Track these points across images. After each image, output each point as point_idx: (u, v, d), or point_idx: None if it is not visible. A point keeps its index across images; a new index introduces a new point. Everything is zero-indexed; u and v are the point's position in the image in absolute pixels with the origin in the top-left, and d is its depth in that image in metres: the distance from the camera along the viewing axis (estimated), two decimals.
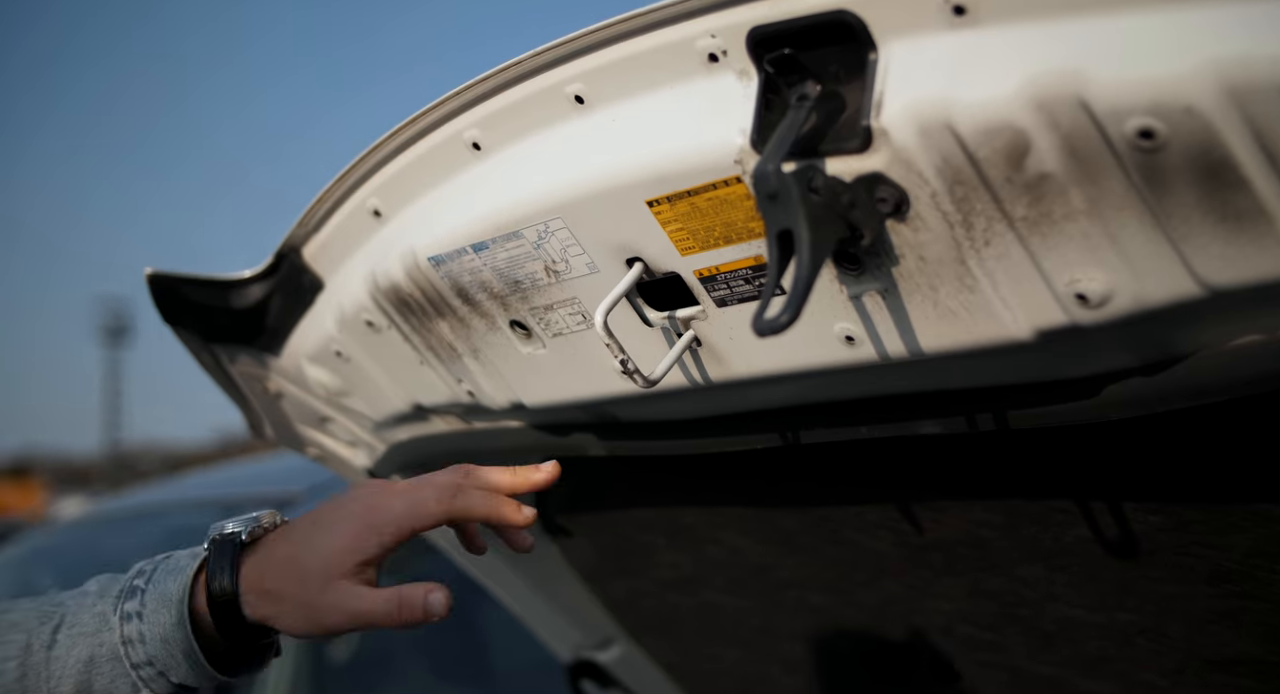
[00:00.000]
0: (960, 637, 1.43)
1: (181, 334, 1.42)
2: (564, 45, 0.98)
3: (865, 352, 0.94)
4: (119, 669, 0.95)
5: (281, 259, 1.36)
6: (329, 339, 1.39)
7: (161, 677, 0.95)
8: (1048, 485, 1.15)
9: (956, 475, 1.22)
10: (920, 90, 0.78)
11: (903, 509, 1.31)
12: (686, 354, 1.08)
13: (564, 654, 2.01)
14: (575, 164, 1.01)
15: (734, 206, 0.92)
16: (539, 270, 1.10)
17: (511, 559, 1.83)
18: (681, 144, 0.93)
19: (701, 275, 0.99)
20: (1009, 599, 1.32)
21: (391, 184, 1.20)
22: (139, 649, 0.95)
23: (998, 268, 0.81)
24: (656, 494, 1.58)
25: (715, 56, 0.90)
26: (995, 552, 1.27)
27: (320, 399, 1.52)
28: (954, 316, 0.86)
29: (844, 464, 1.30)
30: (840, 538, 1.43)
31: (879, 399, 1.07)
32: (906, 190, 0.81)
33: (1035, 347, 0.85)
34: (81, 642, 0.95)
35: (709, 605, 1.72)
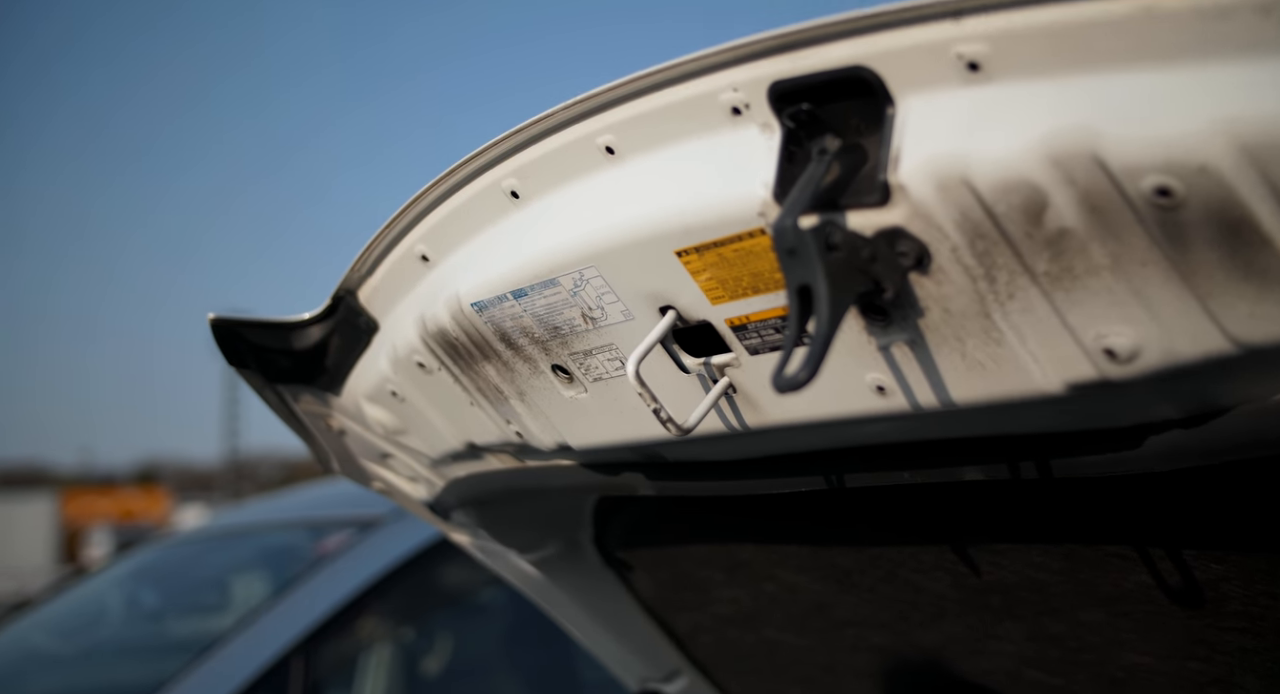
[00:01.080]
0: (1028, 681, 1.39)
1: (245, 375, 1.46)
2: (594, 97, 0.99)
3: (897, 401, 0.92)
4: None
5: (339, 301, 1.39)
6: (384, 379, 1.41)
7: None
8: (1103, 531, 1.12)
9: (1009, 519, 1.19)
10: (937, 145, 0.76)
11: (958, 551, 1.29)
12: (723, 400, 1.07)
13: (631, 684, 2.01)
14: (607, 214, 1.02)
15: (760, 258, 0.91)
16: (576, 317, 1.11)
17: (576, 591, 1.84)
18: (707, 196, 0.92)
19: (733, 324, 0.99)
20: (1073, 645, 1.28)
21: (438, 230, 1.22)
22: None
23: (1023, 322, 0.79)
24: (712, 531, 1.57)
25: (738, 109, 0.89)
26: (1055, 596, 1.24)
27: (380, 437, 1.55)
28: (982, 369, 0.84)
29: (894, 505, 1.28)
30: (897, 578, 1.40)
31: (919, 444, 1.05)
32: (927, 244, 0.80)
33: (1068, 399, 0.82)
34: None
35: (769, 642, 1.70)
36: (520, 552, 1.77)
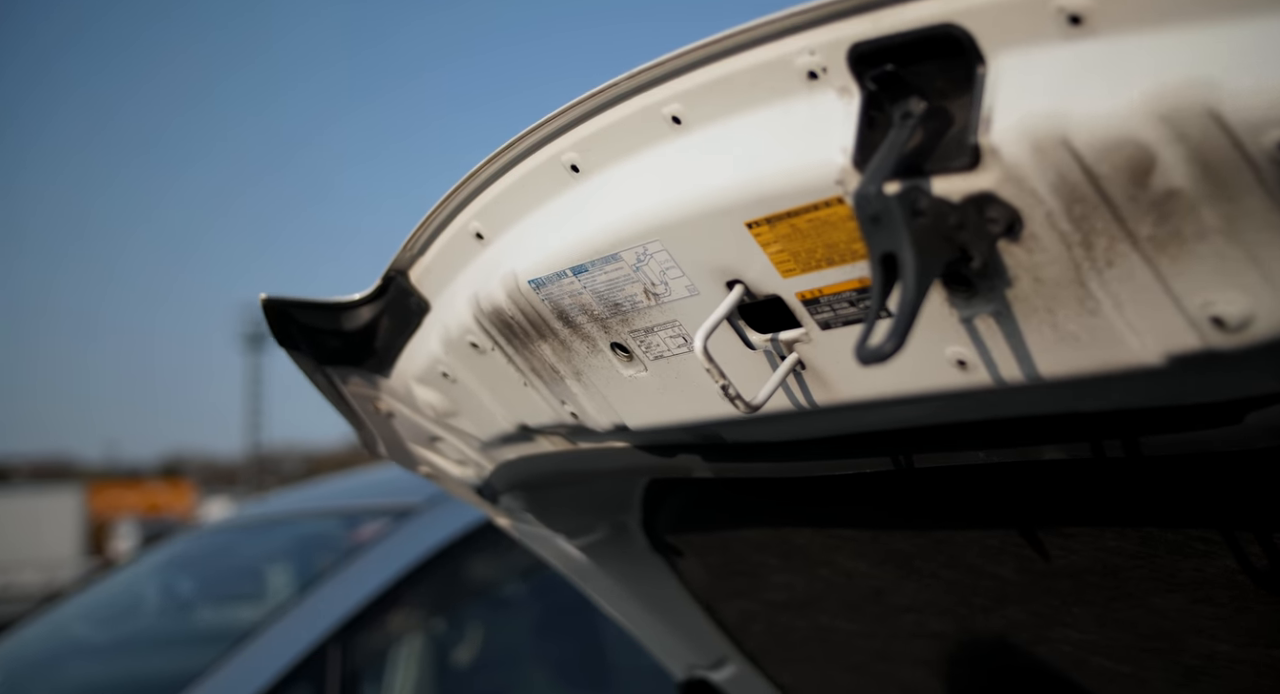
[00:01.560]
0: (1094, 668, 1.36)
1: (295, 356, 1.45)
2: (661, 66, 0.96)
3: (979, 376, 0.89)
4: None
5: (389, 282, 1.37)
6: (435, 360, 1.39)
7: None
8: (1188, 513, 1.08)
9: (1085, 501, 1.16)
10: (1033, 105, 0.73)
11: (1027, 534, 1.25)
12: (790, 377, 1.04)
13: (677, 672, 1.98)
14: (673, 186, 0.99)
15: (836, 228, 0.88)
16: (638, 293, 1.08)
17: (623, 577, 1.82)
18: (781, 165, 0.89)
19: (804, 298, 0.96)
20: (1145, 631, 1.24)
21: (493, 207, 1.19)
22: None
23: (1122, 290, 0.76)
24: (767, 515, 1.55)
25: (814, 74, 0.86)
26: (1129, 581, 1.20)
27: (429, 419, 1.53)
28: (1075, 340, 0.81)
29: (962, 487, 1.25)
30: (959, 562, 1.37)
31: (996, 422, 1.02)
32: (1019, 210, 0.76)
33: (1166, 372, 0.79)
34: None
35: (823, 628, 1.67)
36: (568, 536, 1.74)
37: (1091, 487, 1.14)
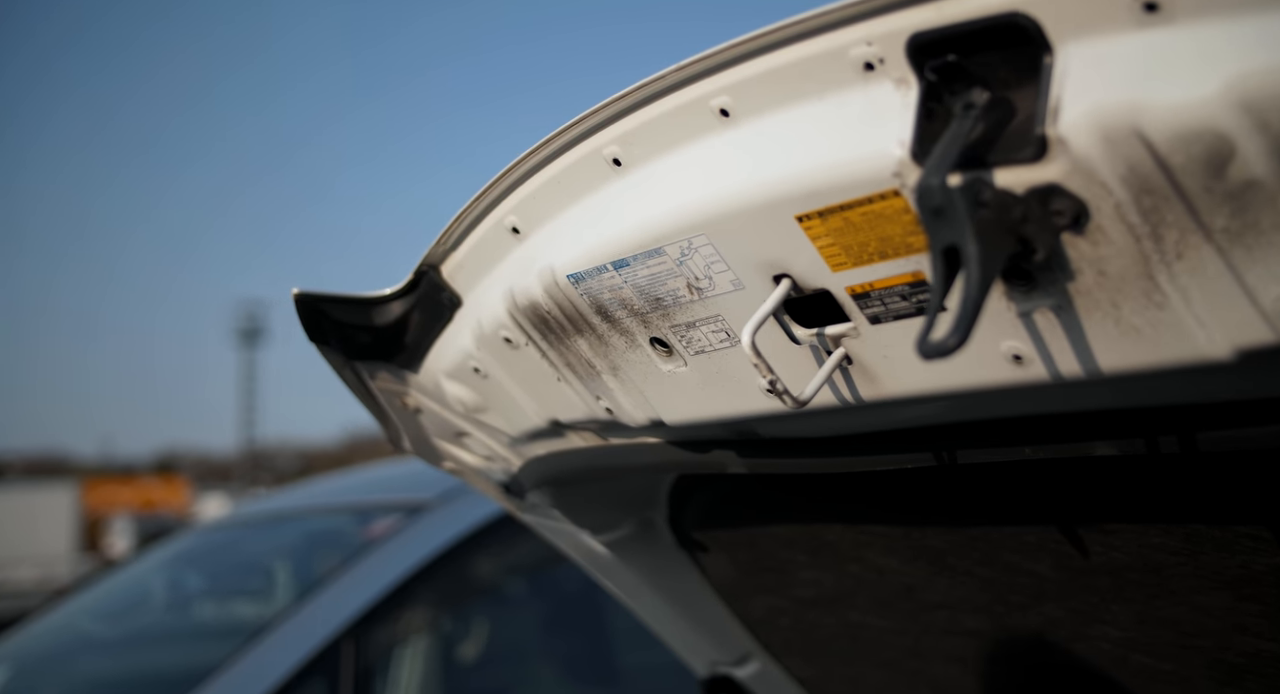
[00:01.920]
0: (1134, 666, 1.34)
1: (325, 352, 1.44)
2: (709, 58, 0.95)
3: (1035, 371, 0.88)
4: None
5: (421, 276, 1.36)
6: (467, 356, 1.38)
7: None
8: (1235, 509, 1.07)
9: (1129, 497, 1.15)
10: (1104, 94, 0.71)
11: (1067, 531, 1.24)
12: (836, 372, 1.03)
13: (699, 669, 1.97)
14: (720, 179, 0.98)
15: (891, 221, 0.87)
16: (681, 288, 1.07)
17: (647, 573, 1.81)
18: (835, 157, 0.88)
19: (854, 292, 0.95)
20: (1188, 629, 1.23)
21: (530, 201, 1.18)
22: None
23: (1191, 283, 0.75)
24: (797, 511, 1.54)
25: (871, 65, 0.85)
26: (1172, 578, 1.19)
27: (458, 415, 1.52)
28: (1138, 334, 0.79)
29: (1000, 483, 1.24)
30: (995, 559, 1.36)
31: (1045, 418, 1.01)
32: (1086, 202, 0.75)
33: (1232, 367, 0.78)
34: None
35: (852, 625, 1.66)
36: (593, 532, 1.74)
37: (1136, 483, 1.12)
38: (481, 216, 1.24)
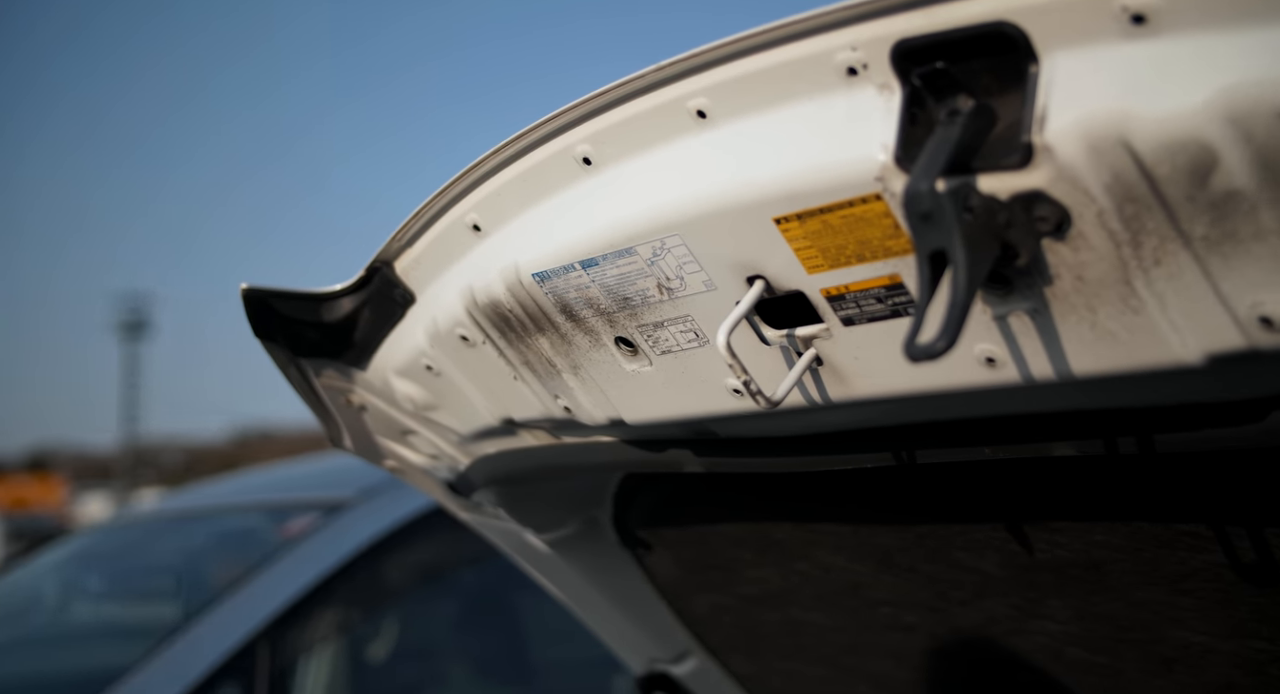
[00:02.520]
0: (1069, 660, 1.39)
1: (270, 348, 1.41)
2: (687, 61, 0.95)
3: (1007, 373, 0.90)
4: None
5: (373, 273, 1.34)
6: (419, 353, 1.36)
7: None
8: (1178, 509, 1.11)
9: (1077, 496, 1.18)
10: (1091, 104, 0.74)
11: (1013, 529, 1.27)
12: (806, 373, 1.04)
13: (636, 666, 1.98)
14: (697, 180, 0.98)
15: (871, 224, 0.88)
16: (650, 288, 1.07)
17: (588, 572, 1.81)
18: (815, 161, 0.89)
19: (829, 294, 0.96)
20: (1124, 623, 1.28)
21: (494, 199, 1.17)
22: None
23: (1168, 289, 0.77)
24: (746, 510, 1.55)
25: (854, 70, 0.86)
26: (1111, 574, 1.23)
27: (405, 413, 1.50)
28: (1113, 338, 0.82)
29: (953, 482, 1.26)
30: (941, 557, 1.39)
31: (1006, 418, 1.03)
32: (1069, 208, 0.77)
33: (1201, 371, 0.81)
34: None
35: (794, 622, 1.68)
36: (537, 531, 1.73)
37: (1085, 482, 1.16)
38: (440, 214, 1.23)
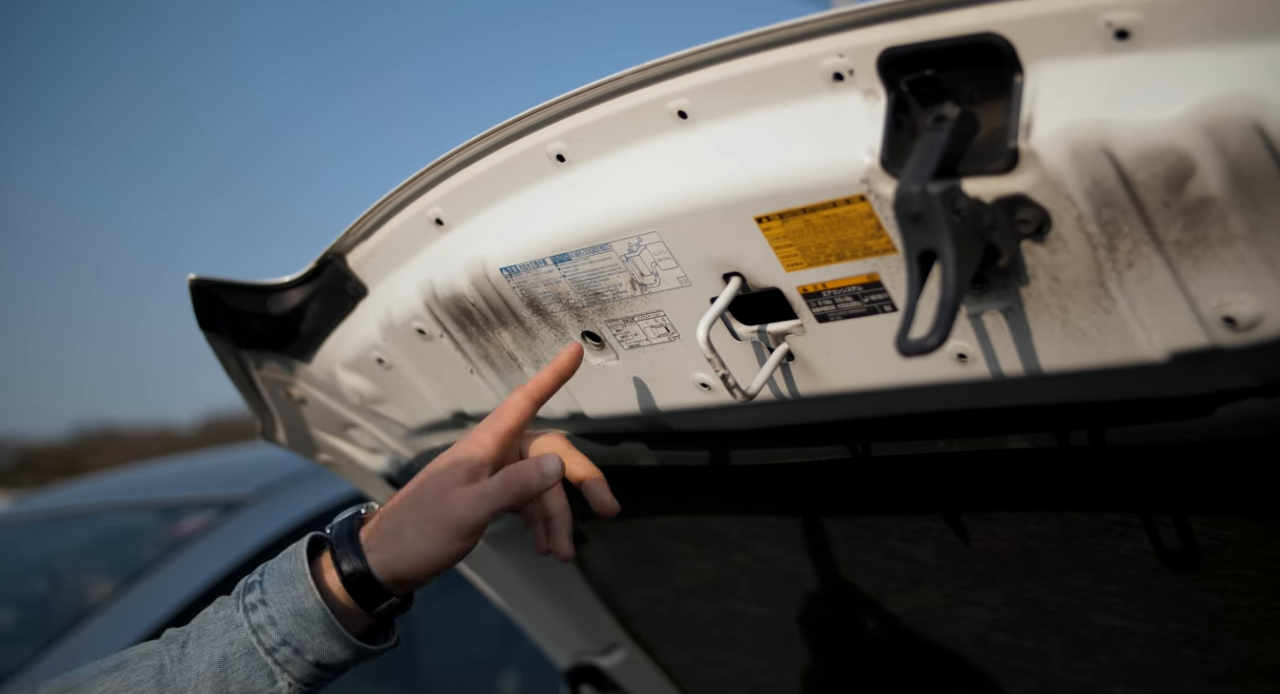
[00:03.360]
0: (994, 644, 1.45)
1: (212, 339, 1.38)
2: (671, 62, 0.97)
3: (977, 369, 0.95)
4: (253, 662, 0.97)
5: (325, 265, 1.32)
6: (371, 346, 1.36)
7: (297, 655, 0.97)
8: (1111, 500, 1.18)
9: (1015, 488, 1.24)
10: (1074, 113, 0.78)
11: (951, 520, 1.33)
12: (777, 368, 1.08)
13: (563, 659, 1.99)
14: (676, 179, 1.00)
15: (853, 224, 0.92)
16: (623, 283, 1.09)
17: (520, 565, 1.81)
18: (800, 162, 0.92)
19: (805, 291, 0.99)
20: (1050, 608, 1.34)
21: (459, 193, 1.17)
22: (270, 632, 0.97)
23: (1138, 290, 0.83)
24: (686, 502, 1.58)
25: (840, 75, 0.90)
26: (1042, 562, 1.30)
27: (350, 406, 1.48)
28: (1082, 336, 0.87)
29: (897, 475, 1.31)
30: (879, 547, 1.44)
31: (964, 413, 1.08)
32: (1050, 212, 0.82)
33: (1162, 367, 0.86)
34: (210, 646, 0.97)
35: (728, 613, 1.72)
36: None
37: (1023, 475, 1.22)
38: (400, 207, 1.23)
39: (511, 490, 1.01)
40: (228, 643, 0.97)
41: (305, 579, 0.98)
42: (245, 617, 0.98)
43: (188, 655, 0.97)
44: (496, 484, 1.01)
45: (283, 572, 0.99)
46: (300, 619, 0.97)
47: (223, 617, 0.99)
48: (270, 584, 0.99)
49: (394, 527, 0.99)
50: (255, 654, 0.97)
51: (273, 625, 0.97)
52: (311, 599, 0.97)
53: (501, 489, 1.00)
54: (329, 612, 0.97)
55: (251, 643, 0.97)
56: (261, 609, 0.98)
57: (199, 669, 0.96)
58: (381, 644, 1.03)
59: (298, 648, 0.97)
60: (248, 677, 0.96)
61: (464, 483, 1.00)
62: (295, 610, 0.97)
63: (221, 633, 0.97)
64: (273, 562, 1.01)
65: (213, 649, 0.97)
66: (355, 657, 1.00)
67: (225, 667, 0.96)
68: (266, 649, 0.97)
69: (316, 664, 0.98)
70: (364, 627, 1.02)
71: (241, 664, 0.97)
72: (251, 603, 0.98)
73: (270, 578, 0.99)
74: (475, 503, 0.99)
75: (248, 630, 0.97)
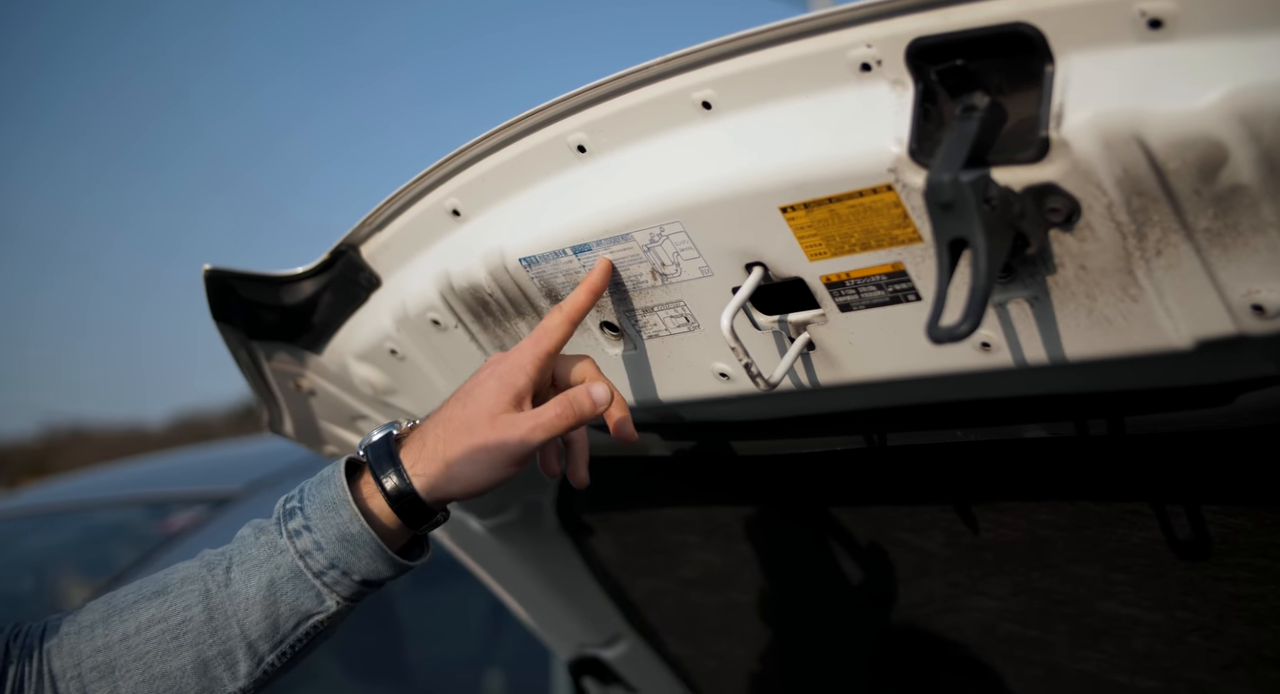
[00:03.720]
0: (1001, 634, 1.46)
1: (224, 330, 1.37)
2: (696, 53, 0.98)
3: (1000, 358, 0.96)
4: (301, 584, 1.00)
5: (338, 256, 1.32)
6: (384, 337, 1.35)
7: (345, 576, 1.01)
8: (1123, 489, 1.19)
9: (1027, 478, 1.25)
10: (1106, 102, 0.79)
11: (960, 509, 1.34)
12: (798, 358, 1.08)
13: (566, 651, 1.99)
14: (701, 169, 1.01)
15: (879, 214, 0.92)
16: (644, 273, 1.09)
17: (525, 557, 1.81)
18: (826, 152, 0.93)
19: (828, 281, 1.00)
20: (1058, 597, 1.36)
21: (477, 184, 1.17)
22: (318, 557, 1.00)
23: (1166, 278, 0.83)
24: (694, 493, 1.59)
25: (868, 66, 0.90)
26: (1052, 552, 1.31)
27: (361, 397, 1.48)
28: (1108, 325, 0.88)
29: (907, 465, 1.32)
30: (888, 537, 1.45)
31: (982, 402, 1.09)
32: (1080, 201, 0.83)
33: (1187, 355, 0.88)
34: (256, 571, 1.00)
35: (732, 603, 1.73)
36: (479, 516, 1.73)
37: (1036, 464, 1.23)
38: (416, 199, 1.23)
39: (566, 420, 1.03)
40: (274, 568, 1.00)
41: (349, 506, 1.00)
42: (290, 542, 1.00)
43: (233, 580, 1.00)
44: (552, 414, 1.02)
45: (324, 497, 1.01)
46: (347, 543, 1.00)
47: (265, 542, 1.01)
48: (312, 510, 1.01)
49: (440, 450, 1.01)
50: (303, 577, 1.00)
51: (319, 550, 1.00)
52: (358, 525, 1.00)
53: (556, 419, 1.02)
54: (375, 536, 1.00)
55: (299, 567, 1.00)
56: (306, 535, 1.00)
57: (247, 593, 1.00)
58: (418, 558, 1.06)
59: (345, 570, 1.01)
60: (296, 598, 1.00)
61: (512, 409, 1.02)
62: (341, 535, 1.00)
63: (266, 558, 1.00)
64: (310, 485, 1.03)
65: (260, 574, 1.00)
66: (399, 572, 1.03)
67: (274, 590, 1.00)
68: (314, 573, 1.00)
69: (363, 582, 1.02)
70: (404, 542, 1.05)
71: (289, 587, 1.00)
72: (295, 529, 1.01)
73: (311, 503, 1.01)
74: (530, 433, 1.01)
75: (294, 555, 1.00)
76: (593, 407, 1.05)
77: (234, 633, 1.00)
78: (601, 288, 1.11)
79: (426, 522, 1.04)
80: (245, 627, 1.00)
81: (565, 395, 1.04)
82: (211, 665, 1.00)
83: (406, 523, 1.02)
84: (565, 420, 1.03)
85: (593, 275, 1.10)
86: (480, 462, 1.00)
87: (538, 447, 1.02)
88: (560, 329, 1.08)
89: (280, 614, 1.00)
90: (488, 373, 1.05)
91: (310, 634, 1.02)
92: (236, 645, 1.00)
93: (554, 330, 1.08)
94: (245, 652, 1.00)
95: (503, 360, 1.06)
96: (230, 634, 1.00)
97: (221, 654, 1.00)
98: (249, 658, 1.01)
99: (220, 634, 1.00)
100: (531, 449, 1.01)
